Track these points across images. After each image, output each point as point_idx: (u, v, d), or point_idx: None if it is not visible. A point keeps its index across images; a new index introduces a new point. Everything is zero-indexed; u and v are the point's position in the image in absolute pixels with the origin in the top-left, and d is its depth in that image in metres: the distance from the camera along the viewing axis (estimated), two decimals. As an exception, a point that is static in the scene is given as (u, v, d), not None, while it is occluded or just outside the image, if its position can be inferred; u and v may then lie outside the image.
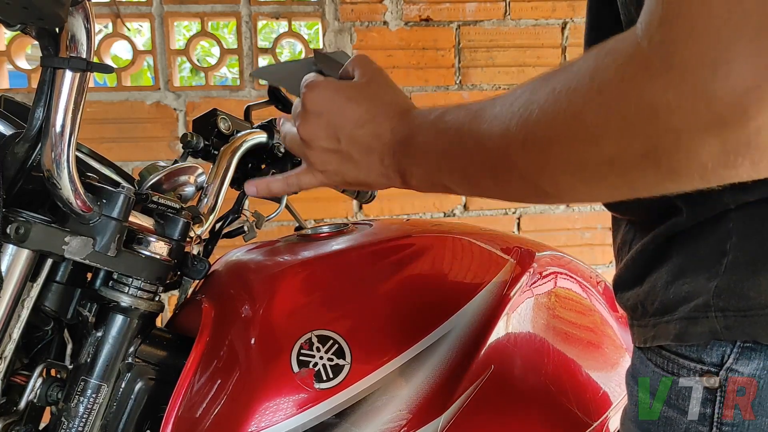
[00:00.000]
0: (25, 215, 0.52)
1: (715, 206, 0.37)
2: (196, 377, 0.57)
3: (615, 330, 0.78)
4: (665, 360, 0.41)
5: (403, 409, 0.55)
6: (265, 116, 0.82)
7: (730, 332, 0.36)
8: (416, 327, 0.59)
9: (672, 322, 0.39)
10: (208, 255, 0.71)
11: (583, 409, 0.67)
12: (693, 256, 0.39)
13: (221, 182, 0.70)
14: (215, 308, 0.62)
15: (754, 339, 0.36)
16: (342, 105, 0.51)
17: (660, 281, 0.41)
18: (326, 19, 1.72)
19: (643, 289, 0.42)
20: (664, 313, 0.40)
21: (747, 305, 0.36)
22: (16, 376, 0.59)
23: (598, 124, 0.31)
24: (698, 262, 0.38)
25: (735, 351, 0.37)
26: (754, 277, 0.36)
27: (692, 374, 0.39)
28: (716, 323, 0.37)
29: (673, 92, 0.28)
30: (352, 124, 0.50)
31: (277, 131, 0.77)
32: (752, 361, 0.36)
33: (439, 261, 0.66)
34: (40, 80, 0.51)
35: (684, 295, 0.39)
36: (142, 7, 1.65)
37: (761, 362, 0.36)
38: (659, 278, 0.41)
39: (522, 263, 0.68)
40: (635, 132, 0.30)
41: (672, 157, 0.29)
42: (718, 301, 0.37)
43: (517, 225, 1.87)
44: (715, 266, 0.37)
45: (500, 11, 1.79)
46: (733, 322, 0.36)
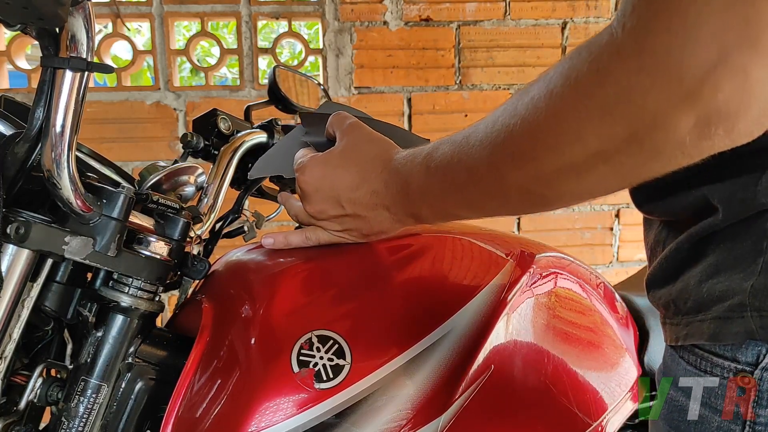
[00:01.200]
0: (25, 215, 0.52)
1: (751, 205, 0.37)
2: (196, 377, 0.57)
3: (615, 330, 0.78)
4: (698, 358, 0.41)
5: (403, 409, 0.55)
6: (265, 116, 0.82)
7: (765, 332, 0.36)
8: (416, 327, 0.59)
9: (706, 321, 0.39)
10: (208, 255, 0.71)
11: (583, 410, 0.67)
12: (729, 256, 0.38)
13: (221, 182, 0.70)
14: (215, 308, 0.62)
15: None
16: (333, 176, 0.55)
17: (694, 279, 0.40)
18: (326, 19, 1.72)
19: (676, 287, 0.42)
20: (698, 311, 0.40)
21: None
22: (16, 376, 0.59)
23: (579, 119, 0.33)
24: (734, 261, 0.38)
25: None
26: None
27: (727, 373, 0.38)
28: (752, 323, 0.37)
29: (646, 74, 0.30)
30: (348, 189, 0.54)
31: (277, 131, 0.77)
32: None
33: (439, 261, 0.66)
34: (40, 80, 0.51)
35: (719, 294, 0.38)
36: (142, 7, 1.65)
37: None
38: (693, 277, 0.41)
39: (522, 263, 0.68)
40: (615, 118, 0.32)
41: (653, 136, 0.31)
42: (753, 301, 0.36)
43: (517, 225, 1.87)
44: (751, 266, 0.37)
45: (500, 11, 1.79)
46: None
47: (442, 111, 1.79)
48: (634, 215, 1.89)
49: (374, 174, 0.53)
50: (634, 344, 0.82)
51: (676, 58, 0.29)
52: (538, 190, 0.38)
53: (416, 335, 0.58)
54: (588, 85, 0.32)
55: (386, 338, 0.58)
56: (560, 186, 0.37)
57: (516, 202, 0.42)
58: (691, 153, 0.32)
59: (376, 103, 1.76)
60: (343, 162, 0.55)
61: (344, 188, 0.54)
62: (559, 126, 0.34)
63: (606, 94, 0.31)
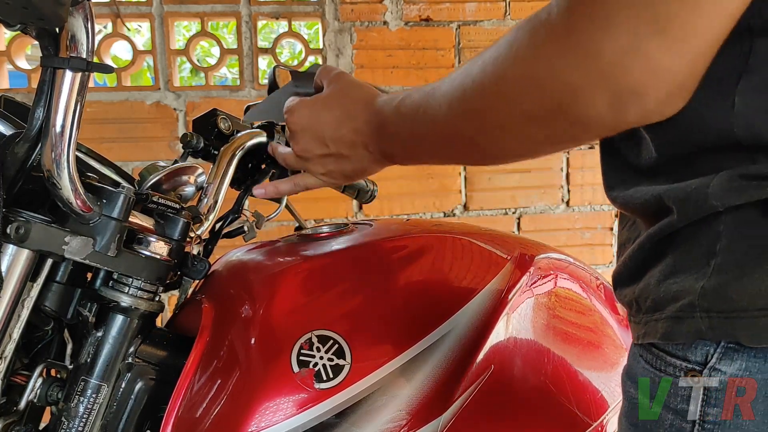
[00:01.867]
0: (25, 215, 0.52)
1: (702, 207, 0.37)
2: (196, 377, 0.57)
3: (615, 330, 0.78)
4: (654, 357, 0.41)
5: (403, 409, 0.55)
6: (265, 116, 0.82)
7: (714, 332, 0.37)
8: (416, 327, 0.59)
9: (661, 320, 0.40)
10: (208, 255, 0.71)
11: (583, 409, 0.67)
12: (685, 257, 0.39)
13: (221, 182, 0.70)
14: (215, 308, 0.62)
15: (737, 340, 0.37)
16: (319, 115, 0.59)
17: (654, 279, 0.41)
18: (326, 19, 1.72)
19: (639, 287, 0.43)
20: (654, 310, 0.41)
21: (730, 307, 0.36)
22: (16, 376, 0.59)
23: (516, 84, 0.38)
24: (689, 262, 0.39)
25: (718, 351, 0.37)
26: (740, 280, 0.36)
27: (678, 371, 0.39)
28: (701, 323, 0.37)
29: (572, 54, 0.34)
30: (332, 128, 0.58)
31: (278, 131, 0.77)
32: (735, 361, 0.37)
33: (439, 261, 0.66)
34: (40, 80, 0.51)
35: (673, 294, 0.39)
36: (142, 7, 1.65)
37: (743, 363, 0.37)
38: (653, 276, 0.41)
39: (522, 263, 0.68)
40: (544, 90, 0.37)
41: (575, 109, 0.36)
42: (703, 302, 0.37)
43: (517, 225, 1.87)
44: (704, 267, 0.38)
45: (500, 11, 1.79)
46: (717, 323, 0.37)
47: (442, 111, 1.79)
48: (634, 215, 1.89)
49: (358, 113, 0.57)
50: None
51: (595, 42, 0.33)
52: (481, 144, 0.44)
53: (416, 335, 0.58)
54: (525, 57, 0.37)
55: (386, 338, 0.58)
56: (500, 141, 0.43)
57: (465, 152, 0.49)
58: (610, 125, 0.36)
59: (376, 103, 1.76)
60: (329, 103, 0.59)
61: (329, 126, 0.58)
62: (500, 88, 0.39)
63: (538, 67, 0.36)
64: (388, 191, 1.73)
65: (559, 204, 1.89)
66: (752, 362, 0.36)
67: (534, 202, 1.87)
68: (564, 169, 1.88)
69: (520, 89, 0.38)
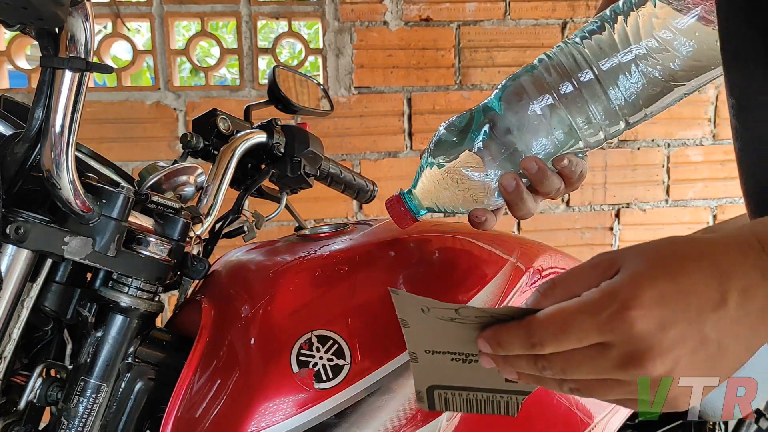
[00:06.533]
0: (25, 215, 0.52)
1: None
2: (195, 377, 0.57)
3: (615, 330, 0.78)
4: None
5: (403, 409, 0.55)
6: (265, 116, 0.82)
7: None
8: (416, 327, 0.59)
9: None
10: (208, 255, 0.71)
11: (583, 410, 0.67)
12: None
13: (221, 182, 0.70)
14: (215, 308, 0.62)
15: None
16: (681, 290, 0.34)
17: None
18: (326, 19, 1.72)
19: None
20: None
21: None
22: (16, 376, 0.59)
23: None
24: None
25: None
26: None
27: None
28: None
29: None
30: (711, 302, 0.34)
31: (277, 131, 0.77)
32: None
33: (439, 261, 0.66)
34: (40, 80, 0.51)
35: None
36: (142, 7, 1.65)
37: None
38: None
39: (522, 263, 0.68)
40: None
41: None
42: None
43: (517, 225, 1.87)
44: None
45: (500, 11, 1.79)
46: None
47: (442, 111, 1.79)
48: (634, 215, 1.89)
49: (730, 266, 0.34)
50: (634, 344, 0.82)
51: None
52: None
53: (416, 335, 0.58)
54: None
55: (386, 338, 0.57)
56: None
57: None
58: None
59: (376, 103, 1.76)
60: (679, 268, 0.35)
61: (705, 301, 0.34)
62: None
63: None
64: (389, 191, 1.73)
65: (559, 204, 1.89)
66: None
67: (534, 202, 1.87)
68: (564, 169, 1.88)
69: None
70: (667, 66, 0.49)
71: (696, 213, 1.92)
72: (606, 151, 1.89)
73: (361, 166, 1.77)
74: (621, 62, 0.50)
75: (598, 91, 0.51)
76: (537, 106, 0.52)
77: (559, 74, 0.52)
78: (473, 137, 0.55)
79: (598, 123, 0.52)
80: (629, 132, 1.91)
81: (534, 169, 0.53)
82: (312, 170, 0.79)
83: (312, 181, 0.81)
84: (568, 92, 0.51)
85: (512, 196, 0.56)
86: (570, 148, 0.54)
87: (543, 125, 0.53)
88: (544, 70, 0.53)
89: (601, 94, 0.51)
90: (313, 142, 0.80)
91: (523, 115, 0.53)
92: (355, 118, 1.76)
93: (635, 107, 0.51)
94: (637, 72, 0.50)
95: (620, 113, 0.52)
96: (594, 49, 0.51)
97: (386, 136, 1.77)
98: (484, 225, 0.58)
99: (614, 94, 0.51)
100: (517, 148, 0.54)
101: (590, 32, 0.52)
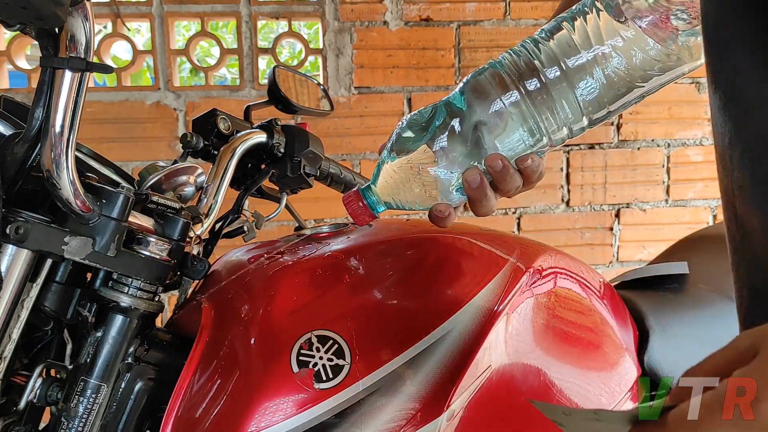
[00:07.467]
0: (25, 215, 0.52)
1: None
2: (195, 377, 0.57)
3: (615, 330, 0.78)
4: None
5: (403, 409, 0.55)
6: (265, 116, 0.82)
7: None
8: (416, 327, 0.59)
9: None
10: (208, 255, 0.71)
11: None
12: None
13: (221, 182, 0.70)
14: (215, 308, 0.62)
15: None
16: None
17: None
18: (326, 19, 1.72)
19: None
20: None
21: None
22: (16, 376, 0.59)
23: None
24: None
25: None
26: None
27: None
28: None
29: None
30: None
31: (277, 131, 0.77)
32: None
33: (439, 261, 0.66)
34: (40, 80, 0.51)
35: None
36: (142, 7, 1.65)
37: None
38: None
39: (522, 263, 0.68)
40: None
41: None
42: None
43: (517, 225, 1.87)
44: None
45: (500, 11, 1.79)
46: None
47: (442, 111, 1.79)
48: (634, 215, 1.89)
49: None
50: (634, 344, 0.82)
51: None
52: None
53: (416, 335, 0.58)
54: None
55: (386, 338, 0.57)
56: None
57: None
58: None
59: (376, 103, 1.76)
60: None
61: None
62: None
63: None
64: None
65: (559, 204, 1.89)
66: None
67: (534, 201, 1.87)
68: (564, 169, 1.88)
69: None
70: (628, 68, 0.50)
71: (696, 213, 1.92)
72: (606, 151, 1.89)
73: (361, 166, 1.77)
74: (587, 61, 0.50)
75: (564, 87, 0.51)
76: (501, 103, 0.51)
77: (523, 71, 0.51)
78: (434, 133, 0.53)
79: (563, 120, 0.52)
80: (629, 132, 1.91)
81: (499, 167, 0.52)
82: (312, 170, 0.79)
83: (312, 181, 0.81)
84: (533, 89, 0.51)
85: (476, 193, 0.54)
86: (533, 147, 0.54)
87: (507, 122, 0.51)
88: (510, 66, 0.52)
89: (568, 90, 0.51)
90: (313, 142, 0.80)
91: (487, 111, 0.52)
92: (355, 118, 1.76)
93: (599, 105, 0.52)
94: (599, 72, 0.50)
95: (584, 110, 0.52)
96: (562, 47, 0.51)
97: (386, 136, 1.76)
98: (446, 221, 0.56)
99: (579, 91, 0.51)
100: (479, 144, 0.52)
101: (550, 32, 0.52)
